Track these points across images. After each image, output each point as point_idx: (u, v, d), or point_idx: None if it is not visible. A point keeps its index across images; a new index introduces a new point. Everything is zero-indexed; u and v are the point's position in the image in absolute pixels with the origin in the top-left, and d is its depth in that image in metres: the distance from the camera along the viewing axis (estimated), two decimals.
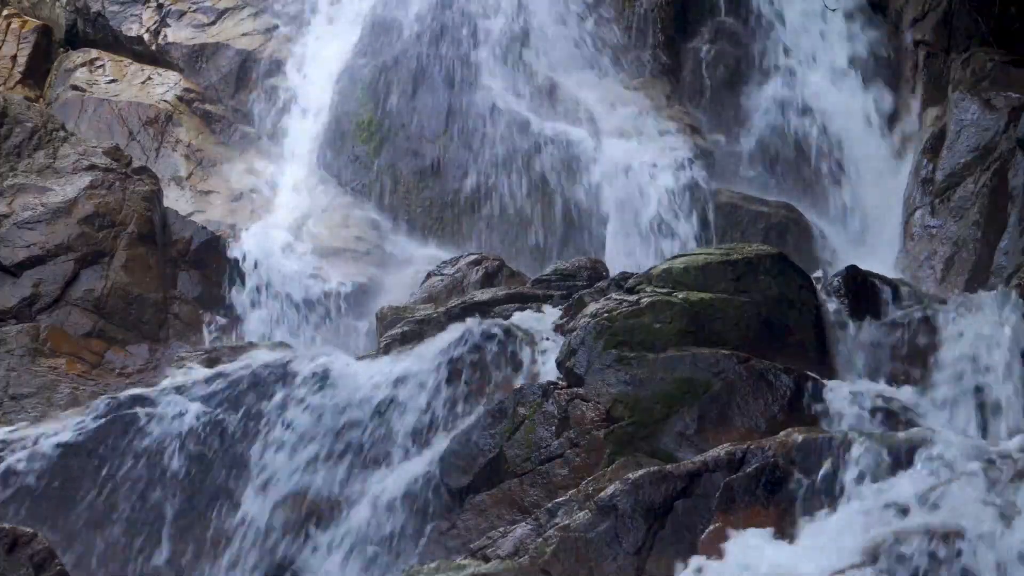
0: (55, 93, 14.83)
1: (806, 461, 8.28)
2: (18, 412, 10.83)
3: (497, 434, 9.48)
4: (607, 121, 14.38)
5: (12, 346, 11.28)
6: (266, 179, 14.37)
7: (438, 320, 11.02)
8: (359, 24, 15.13)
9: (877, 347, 10.02)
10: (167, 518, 9.80)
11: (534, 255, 13.56)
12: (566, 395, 9.51)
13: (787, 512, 8.13)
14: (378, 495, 9.60)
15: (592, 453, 9.22)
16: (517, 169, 13.98)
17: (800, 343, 9.79)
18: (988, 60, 12.73)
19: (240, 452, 10.03)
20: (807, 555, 7.78)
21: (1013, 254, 11.21)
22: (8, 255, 11.78)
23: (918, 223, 12.48)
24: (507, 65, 14.63)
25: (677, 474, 8.42)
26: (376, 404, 10.08)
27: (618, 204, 13.78)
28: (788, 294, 9.89)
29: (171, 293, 12.23)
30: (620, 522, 8.28)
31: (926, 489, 7.94)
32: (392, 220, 14.12)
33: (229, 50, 15.22)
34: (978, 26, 13.21)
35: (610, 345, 9.59)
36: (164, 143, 14.44)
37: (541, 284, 11.59)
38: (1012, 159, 11.69)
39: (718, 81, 14.89)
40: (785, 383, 9.33)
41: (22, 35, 15.18)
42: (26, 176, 12.28)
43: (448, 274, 12.27)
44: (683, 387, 9.36)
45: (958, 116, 12.43)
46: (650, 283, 9.99)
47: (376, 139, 14.42)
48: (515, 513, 9.12)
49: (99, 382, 11.26)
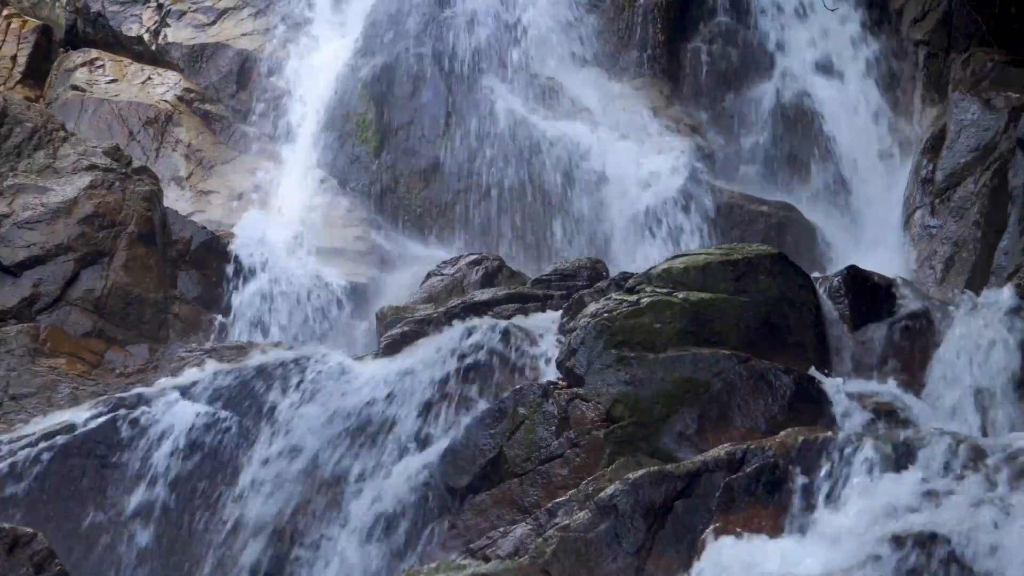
0: (55, 93, 14.83)
1: (806, 461, 8.28)
2: (18, 412, 10.83)
3: (497, 434, 9.48)
4: (607, 121, 14.38)
5: (12, 346, 11.28)
6: (266, 179, 14.37)
7: (438, 320, 11.03)
8: (359, 24, 15.14)
9: (877, 347, 10.02)
10: (167, 518, 9.80)
11: (534, 255, 13.56)
12: (566, 395, 9.51)
13: (787, 512, 8.13)
14: (378, 495, 9.60)
15: (592, 453, 9.22)
16: (517, 169, 13.98)
17: (800, 343, 9.79)
18: (988, 60, 12.73)
19: (240, 451, 10.03)
20: (807, 555, 7.78)
21: (1013, 254, 11.21)
22: (8, 255, 11.77)
23: (918, 223, 12.48)
24: (507, 65, 14.64)
25: (677, 474, 8.42)
26: (376, 404, 10.07)
27: (618, 204, 13.78)
28: (788, 294, 9.89)
29: (171, 293, 12.23)
30: (620, 522, 8.28)
31: (926, 489, 7.94)
32: (392, 220, 14.12)
33: (229, 50, 15.22)
34: (978, 26, 13.21)
35: (610, 345, 9.59)
36: (164, 143, 14.44)
37: (541, 284, 11.59)
38: (1012, 159, 11.69)
39: (718, 81, 14.89)
40: (785, 383, 9.34)
41: (22, 35, 15.18)
42: (26, 176, 12.28)
43: (448, 274, 12.27)
44: (683, 387, 9.36)
45: (958, 116, 12.42)
46: (650, 283, 9.99)
47: (376, 139, 14.42)
48: (515, 513, 9.12)
49: (99, 382, 11.25)
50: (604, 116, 14.43)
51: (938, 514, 7.71)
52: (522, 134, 14.11)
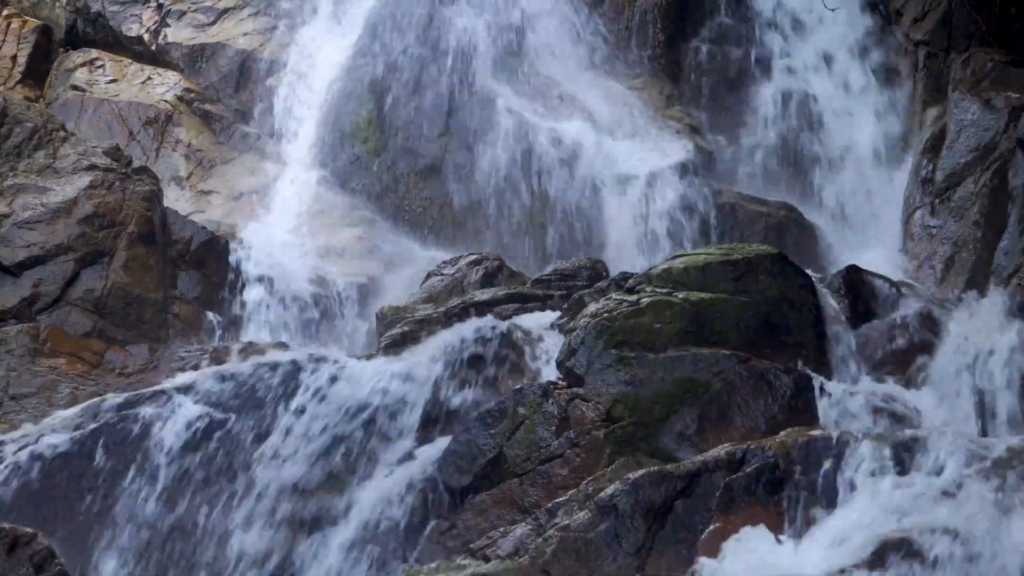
0: (55, 93, 14.83)
1: (806, 461, 8.28)
2: (18, 412, 10.83)
3: (497, 434, 9.48)
4: (607, 121, 14.38)
5: (12, 346, 11.28)
6: (266, 179, 14.37)
7: (438, 320, 11.03)
8: (359, 24, 15.14)
9: (877, 347, 10.03)
10: (167, 517, 9.80)
11: (534, 255, 13.56)
12: (566, 395, 9.51)
13: (787, 512, 8.13)
14: (378, 495, 9.59)
15: (592, 453, 9.22)
16: (517, 169, 13.98)
17: (800, 343, 9.79)
18: (988, 60, 12.73)
19: (240, 452, 10.03)
20: (807, 555, 7.79)
21: (1013, 254, 11.21)
22: (8, 255, 11.77)
23: (918, 223, 12.48)
24: (507, 65, 14.64)
25: (677, 474, 8.42)
26: (376, 404, 10.08)
27: (618, 204, 13.78)
28: (788, 294, 9.89)
29: (171, 293, 12.23)
30: (620, 522, 8.28)
31: (925, 489, 7.94)
32: (392, 220, 14.12)
33: (229, 50, 15.22)
34: (978, 26, 13.21)
35: (610, 345, 9.59)
36: (164, 143, 14.44)
37: (541, 284, 11.60)
38: (1012, 159, 11.68)
39: (718, 81, 14.90)
40: (785, 383, 9.34)
41: (22, 35, 15.18)
42: (26, 176, 12.28)
43: (448, 274, 12.27)
44: (683, 387, 9.36)
45: (958, 116, 12.43)
46: (650, 283, 9.99)
47: (376, 139, 14.42)
48: (515, 513, 9.12)
49: (99, 382, 11.25)
50: (604, 116, 14.44)
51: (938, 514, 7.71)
52: (522, 134, 14.11)
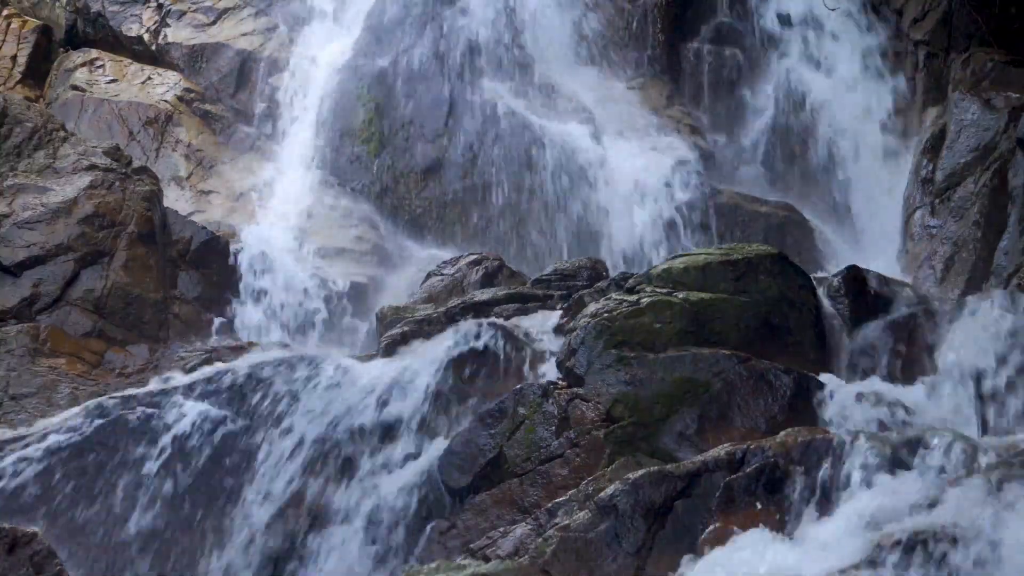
0: (55, 93, 14.83)
1: (806, 461, 8.28)
2: (18, 412, 10.82)
3: (497, 434, 9.48)
4: (607, 121, 14.39)
5: (12, 346, 11.28)
6: (266, 179, 14.38)
7: (438, 320, 11.03)
8: (359, 24, 15.14)
9: (877, 347, 10.02)
10: (167, 517, 9.80)
11: (534, 255, 13.56)
12: (566, 395, 9.51)
13: (787, 512, 8.13)
14: (378, 495, 9.60)
15: (592, 453, 9.22)
16: (517, 169, 13.98)
17: (800, 343, 9.80)
18: (988, 60, 12.73)
19: (240, 452, 10.03)
20: (807, 555, 7.78)
21: (1013, 254, 11.20)
22: (8, 255, 11.77)
23: (918, 223, 12.48)
24: (507, 65, 14.64)
25: (677, 474, 8.42)
26: (376, 404, 10.08)
27: (618, 204, 13.78)
28: (788, 294, 9.89)
29: (171, 293, 12.23)
30: (620, 522, 8.28)
31: (925, 489, 7.94)
32: (392, 220, 14.12)
33: (229, 50, 15.22)
34: (978, 26, 13.21)
35: (610, 345, 9.59)
36: (164, 143, 14.44)
37: (541, 284, 11.60)
38: (1012, 159, 11.68)
39: (718, 81, 14.90)
40: (785, 383, 9.34)
41: (22, 35, 15.18)
42: (26, 176, 12.28)
43: (448, 274, 12.27)
44: (683, 387, 9.36)
45: (958, 116, 12.42)
46: (650, 283, 9.99)
47: (376, 139, 14.42)
48: (515, 513, 9.12)
49: (99, 382, 11.25)
50: (604, 116, 14.44)
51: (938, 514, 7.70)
52: (522, 134, 14.11)
